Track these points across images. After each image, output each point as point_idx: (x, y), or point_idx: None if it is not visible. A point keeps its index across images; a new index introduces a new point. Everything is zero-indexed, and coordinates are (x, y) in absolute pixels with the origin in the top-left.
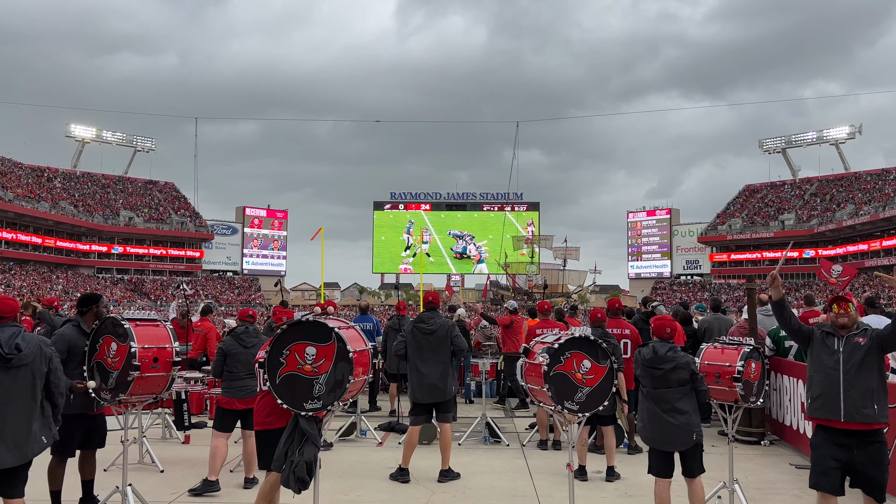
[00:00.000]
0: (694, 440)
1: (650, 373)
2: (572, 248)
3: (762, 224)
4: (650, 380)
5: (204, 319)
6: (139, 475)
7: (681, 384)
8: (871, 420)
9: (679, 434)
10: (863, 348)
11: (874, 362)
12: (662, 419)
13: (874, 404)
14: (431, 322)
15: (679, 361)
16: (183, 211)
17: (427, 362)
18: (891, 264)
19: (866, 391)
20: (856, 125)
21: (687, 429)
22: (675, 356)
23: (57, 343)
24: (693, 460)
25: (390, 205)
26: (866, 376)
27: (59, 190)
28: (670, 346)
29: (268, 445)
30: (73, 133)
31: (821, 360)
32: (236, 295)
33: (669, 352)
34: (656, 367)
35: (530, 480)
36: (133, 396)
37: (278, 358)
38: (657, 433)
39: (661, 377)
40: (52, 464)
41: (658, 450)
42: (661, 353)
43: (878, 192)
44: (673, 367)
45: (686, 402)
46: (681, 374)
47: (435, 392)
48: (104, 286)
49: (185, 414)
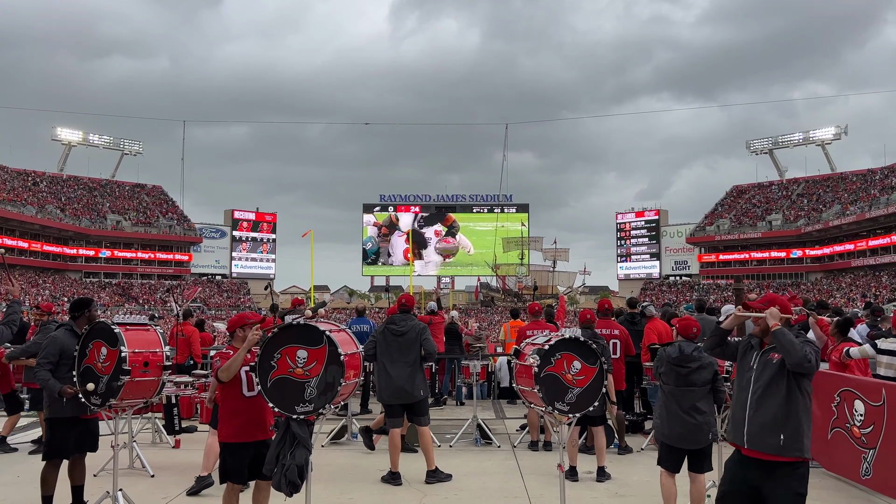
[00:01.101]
0: (709, 439)
1: (676, 371)
2: (561, 250)
3: (750, 225)
4: (674, 377)
5: (185, 323)
6: (129, 480)
7: (703, 384)
8: (774, 451)
9: (696, 433)
10: (773, 366)
11: (784, 384)
12: (682, 418)
13: (780, 433)
14: (403, 324)
15: (704, 361)
16: (171, 214)
17: (395, 364)
18: (877, 264)
19: (771, 417)
20: (841, 126)
21: (705, 428)
22: (701, 356)
23: (49, 347)
24: (703, 457)
25: (380, 207)
26: (772, 399)
27: (46, 194)
28: (696, 345)
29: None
30: (59, 136)
31: (738, 377)
32: (225, 298)
33: (695, 351)
34: (682, 366)
35: (521, 481)
36: (124, 401)
37: (269, 361)
38: (675, 431)
39: (686, 376)
40: (45, 469)
41: (672, 446)
42: (688, 353)
43: (864, 193)
44: (698, 366)
45: (706, 403)
46: (704, 375)
47: (401, 394)
48: (92, 291)
49: (175, 418)
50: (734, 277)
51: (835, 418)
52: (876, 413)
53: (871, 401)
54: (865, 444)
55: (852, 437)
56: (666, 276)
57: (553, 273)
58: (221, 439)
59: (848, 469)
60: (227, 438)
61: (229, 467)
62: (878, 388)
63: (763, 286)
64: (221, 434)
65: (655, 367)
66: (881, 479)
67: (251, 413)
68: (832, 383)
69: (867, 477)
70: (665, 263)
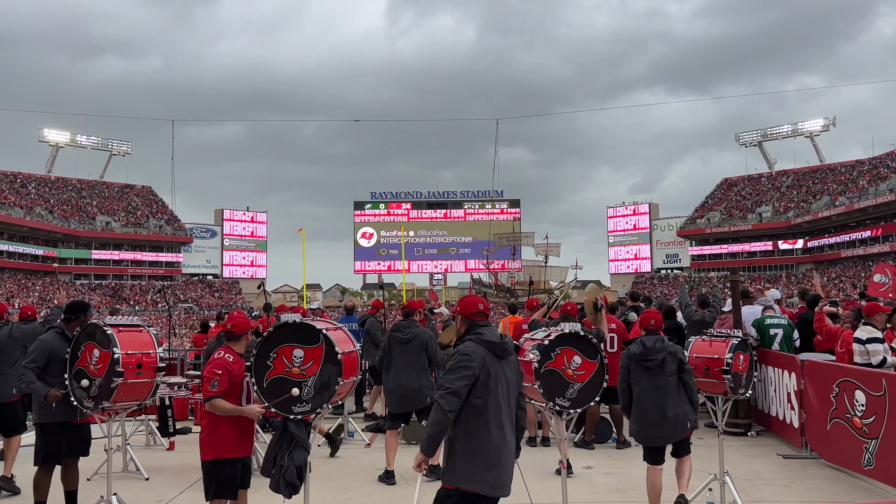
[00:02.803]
0: (689, 428)
1: (643, 366)
2: (553, 245)
3: (740, 217)
4: (644, 373)
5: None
6: (124, 483)
7: (671, 375)
8: None
9: (675, 427)
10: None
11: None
12: (656, 420)
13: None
14: (407, 331)
15: (670, 350)
16: (161, 215)
17: (401, 372)
18: (866, 254)
19: None
20: (830, 117)
21: (681, 420)
22: (665, 346)
23: (37, 349)
24: (682, 444)
25: (371, 204)
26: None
27: (34, 196)
28: (657, 337)
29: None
30: (46, 138)
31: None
32: (217, 298)
33: (657, 343)
34: (648, 360)
35: (520, 477)
36: (117, 404)
37: (265, 361)
38: (653, 433)
39: (655, 368)
40: (37, 474)
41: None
42: (650, 346)
43: (852, 184)
44: (663, 357)
45: (679, 395)
46: (671, 365)
47: (409, 402)
48: (82, 292)
49: (170, 420)
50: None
51: (833, 409)
52: (878, 403)
53: (871, 391)
54: (867, 435)
55: (853, 427)
56: (657, 269)
57: (545, 268)
58: (214, 456)
59: (849, 460)
60: (223, 454)
61: (225, 482)
62: (879, 377)
63: (754, 278)
64: (215, 450)
65: (622, 369)
66: (884, 468)
67: (247, 426)
68: (830, 374)
69: (870, 467)
70: (656, 257)
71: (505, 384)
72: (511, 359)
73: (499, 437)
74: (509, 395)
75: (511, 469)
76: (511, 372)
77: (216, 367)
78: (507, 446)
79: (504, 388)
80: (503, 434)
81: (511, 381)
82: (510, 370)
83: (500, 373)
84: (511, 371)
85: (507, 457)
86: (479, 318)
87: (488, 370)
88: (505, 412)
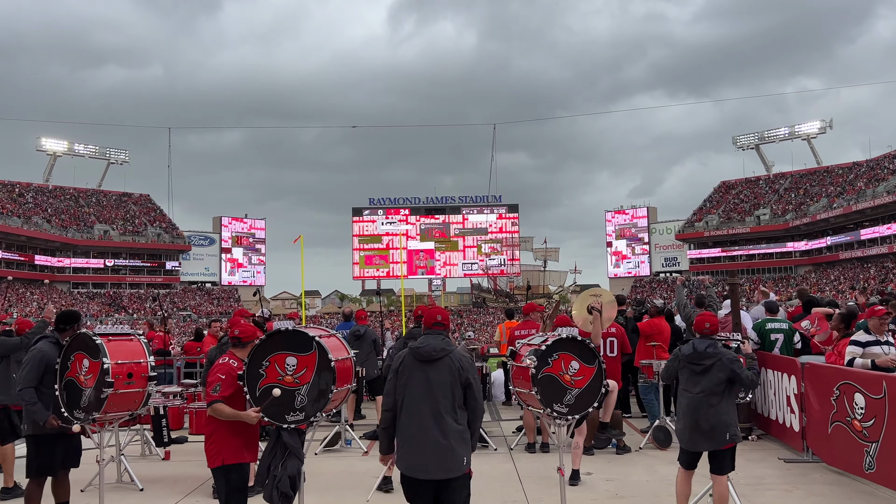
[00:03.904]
0: (728, 439)
1: (691, 369)
2: (552, 249)
3: (738, 220)
4: (690, 375)
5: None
6: (118, 494)
7: (718, 383)
8: None
9: (709, 435)
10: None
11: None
12: (690, 424)
13: None
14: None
15: (722, 356)
16: (159, 223)
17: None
18: (864, 256)
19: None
20: (826, 120)
21: (718, 430)
22: (717, 352)
23: (31, 361)
24: (723, 458)
25: (369, 210)
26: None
27: (32, 205)
28: (711, 342)
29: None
30: (43, 147)
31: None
32: (216, 306)
33: (709, 348)
34: (696, 363)
35: (520, 485)
36: (108, 414)
37: (258, 370)
38: (684, 436)
39: (700, 374)
40: (29, 487)
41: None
42: (701, 349)
43: (850, 186)
44: (712, 363)
45: (724, 401)
46: (719, 373)
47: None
48: (81, 301)
49: (164, 430)
50: (727, 273)
51: (834, 412)
52: (877, 406)
53: (871, 394)
54: (867, 438)
55: (853, 430)
56: (656, 273)
57: (544, 273)
58: (220, 462)
59: (849, 463)
60: (229, 460)
61: (237, 489)
62: (879, 380)
63: (753, 280)
64: (221, 456)
65: (668, 367)
66: (885, 472)
67: (252, 432)
68: (831, 377)
69: (871, 471)
70: (655, 260)
71: (426, 384)
72: (441, 363)
73: (417, 427)
74: (435, 393)
75: (433, 456)
76: (440, 374)
77: (220, 371)
78: (427, 437)
79: (424, 388)
80: (422, 425)
81: (439, 382)
82: (439, 373)
83: (423, 375)
84: (440, 373)
85: (426, 445)
86: (437, 328)
87: (409, 373)
88: (426, 408)
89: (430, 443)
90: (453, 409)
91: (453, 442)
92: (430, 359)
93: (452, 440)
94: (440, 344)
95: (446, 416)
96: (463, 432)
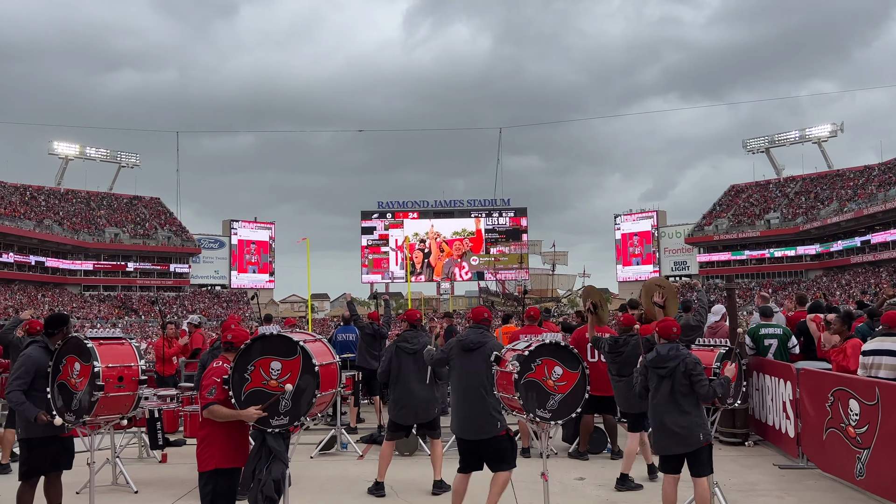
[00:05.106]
0: (701, 440)
1: (657, 374)
2: (560, 253)
3: (748, 224)
4: (657, 380)
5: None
6: (112, 497)
7: (683, 384)
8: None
9: (685, 436)
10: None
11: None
12: (668, 423)
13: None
14: (415, 341)
15: (684, 358)
16: (169, 226)
17: (410, 383)
18: (876, 260)
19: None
20: (837, 123)
21: (694, 430)
22: (679, 353)
23: (23, 365)
24: (700, 460)
25: (378, 214)
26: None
27: (44, 208)
28: (673, 344)
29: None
30: (56, 150)
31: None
32: (225, 309)
33: (671, 350)
34: (661, 367)
35: (511, 489)
36: (98, 417)
37: (243, 374)
38: (656, 439)
39: (668, 376)
40: (21, 489)
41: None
42: (664, 353)
43: (861, 189)
44: (675, 365)
45: (690, 403)
46: (681, 374)
47: (415, 415)
48: (91, 304)
49: (159, 433)
50: (726, 277)
51: (829, 418)
52: (870, 412)
53: (865, 400)
54: (860, 444)
55: (847, 437)
56: (665, 276)
57: (552, 276)
58: (213, 466)
59: (842, 470)
60: (222, 464)
61: (223, 494)
62: (872, 386)
63: (763, 285)
64: (214, 460)
65: (637, 380)
66: (875, 479)
67: (242, 436)
68: (826, 382)
69: (861, 478)
70: (664, 264)
71: (466, 367)
72: (478, 352)
73: (461, 400)
74: (473, 374)
75: (472, 422)
76: (477, 360)
77: (215, 375)
78: (469, 408)
79: (465, 370)
80: (465, 399)
81: (476, 366)
82: (476, 359)
83: (465, 360)
84: (477, 360)
85: (469, 413)
86: (483, 324)
87: (455, 359)
88: (467, 385)
89: (471, 412)
90: (488, 387)
91: (488, 412)
92: (470, 348)
93: (486, 411)
94: (478, 337)
95: (482, 391)
96: (495, 404)
